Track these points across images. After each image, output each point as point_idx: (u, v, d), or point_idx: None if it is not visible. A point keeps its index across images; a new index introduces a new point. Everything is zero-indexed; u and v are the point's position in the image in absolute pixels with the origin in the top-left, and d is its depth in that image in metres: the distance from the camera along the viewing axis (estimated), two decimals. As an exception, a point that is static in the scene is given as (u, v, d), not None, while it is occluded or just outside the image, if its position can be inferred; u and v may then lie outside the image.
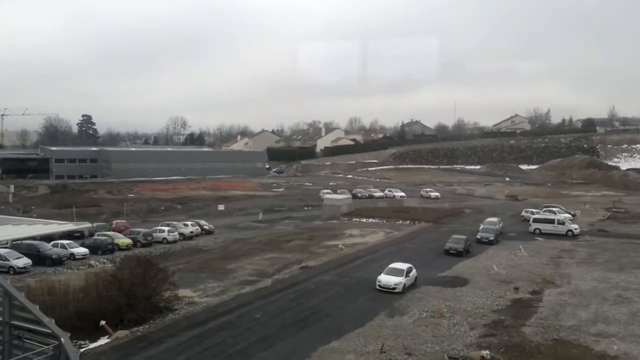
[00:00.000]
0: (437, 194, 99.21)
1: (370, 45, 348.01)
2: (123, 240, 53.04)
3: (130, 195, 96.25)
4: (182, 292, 35.94)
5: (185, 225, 60.68)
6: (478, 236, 56.06)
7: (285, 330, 29.85)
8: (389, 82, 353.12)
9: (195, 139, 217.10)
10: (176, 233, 57.54)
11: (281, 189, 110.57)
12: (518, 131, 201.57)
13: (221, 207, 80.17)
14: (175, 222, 61.97)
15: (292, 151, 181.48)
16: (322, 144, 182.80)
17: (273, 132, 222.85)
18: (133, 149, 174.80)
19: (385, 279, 37.86)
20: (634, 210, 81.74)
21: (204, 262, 47.28)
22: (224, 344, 27.72)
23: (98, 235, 53.87)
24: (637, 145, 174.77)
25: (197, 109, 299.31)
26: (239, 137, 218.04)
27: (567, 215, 69.54)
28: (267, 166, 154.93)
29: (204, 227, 62.27)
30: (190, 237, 58.58)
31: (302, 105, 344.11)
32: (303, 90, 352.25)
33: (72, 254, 47.71)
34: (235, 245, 55.08)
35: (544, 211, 69.90)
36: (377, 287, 37.70)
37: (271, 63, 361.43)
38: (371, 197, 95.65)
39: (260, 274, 42.90)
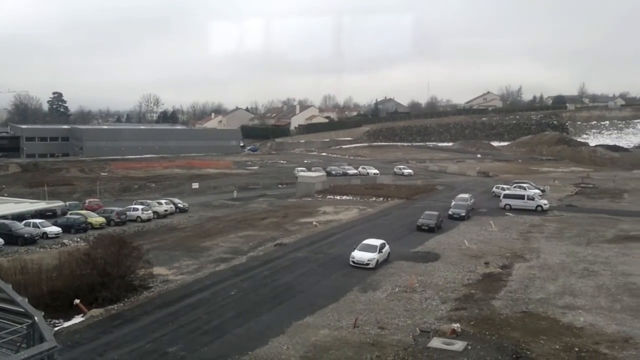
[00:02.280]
0: (410, 171, 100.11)
1: (344, 22, 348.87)
2: (96, 219, 52.65)
3: (103, 173, 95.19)
4: (157, 270, 36.03)
5: (159, 203, 60.41)
6: (450, 212, 56.91)
7: (259, 306, 30.18)
8: (363, 60, 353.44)
9: (169, 117, 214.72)
10: (150, 211, 57.26)
11: (255, 167, 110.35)
12: (490, 108, 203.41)
13: (195, 185, 79.88)
14: (149, 201, 61.62)
15: (267, 129, 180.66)
16: (296, 121, 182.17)
17: (247, 109, 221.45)
18: (105, 127, 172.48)
19: (358, 255, 38.38)
20: (601, 186, 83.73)
21: (179, 240, 47.30)
22: (199, 321, 27.96)
23: (71, 214, 53.39)
24: (606, 122, 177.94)
25: (171, 86, 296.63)
26: (212, 115, 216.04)
27: (537, 191, 70.87)
28: (242, 144, 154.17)
29: (178, 205, 62.09)
30: (164, 216, 58.40)
31: (277, 83, 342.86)
32: (277, 68, 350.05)
33: (44, 233, 47.26)
34: (210, 223, 55.12)
35: (515, 187, 71.21)
36: (351, 263, 38.21)
37: (245, 40, 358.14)
38: (345, 174, 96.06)
39: (235, 251, 43.13)
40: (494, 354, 24.02)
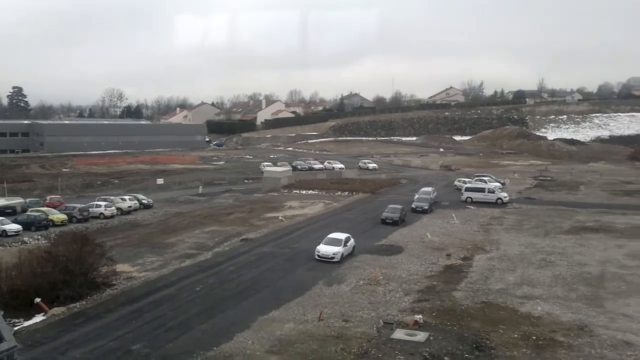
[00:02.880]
0: (374, 165, 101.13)
1: (310, 17, 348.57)
2: (58, 215, 51.76)
3: (64, 169, 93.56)
4: (121, 267, 35.74)
5: (123, 199, 59.68)
6: (413, 205, 57.72)
7: (225, 302, 30.28)
8: (329, 55, 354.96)
9: (133, 112, 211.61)
10: (113, 208, 56.54)
11: (221, 162, 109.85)
12: (453, 103, 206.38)
13: (160, 180, 79.11)
14: (112, 197, 60.82)
15: (233, 124, 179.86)
16: (262, 116, 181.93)
17: (213, 104, 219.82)
18: (67, 121, 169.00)
19: (324, 249, 38.74)
20: (559, 179, 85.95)
21: (143, 237, 46.92)
22: (164, 318, 27.92)
23: (31, 211, 52.38)
24: (564, 116, 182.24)
25: (135, 80, 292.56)
26: (178, 109, 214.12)
27: (497, 184, 72.37)
28: (207, 139, 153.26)
29: (143, 201, 61.45)
30: (128, 212, 57.74)
31: (243, 78, 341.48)
32: (244, 63, 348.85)
33: (3, 231, 46.26)
34: (175, 219, 54.78)
35: (476, 180, 72.58)
36: (316, 257, 38.55)
37: (211, 34, 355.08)
38: (311, 169, 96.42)
39: (201, 247, 43.02)
40: (455, 344, 24.64)
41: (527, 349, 24.16)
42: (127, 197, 60.90)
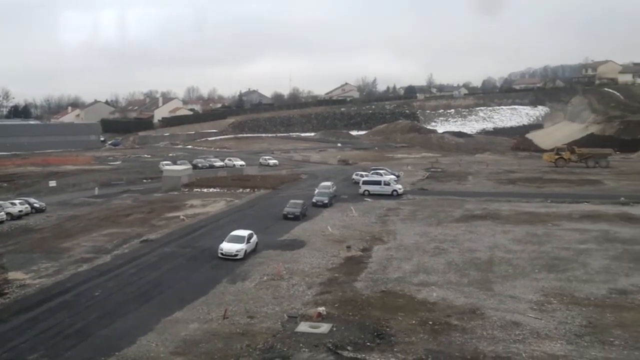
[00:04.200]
0: (275, 161, 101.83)
1: (206, 12, 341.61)
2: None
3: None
4: (13, 274, 33.94)
5: (13, 204, 56.37)
6: (314, 200, 58.79)
7: (126, 305, 29.69)
8: (226, 51, 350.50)
9: (21, 112, 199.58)
10: (2, 213, 53.36)
11: (118, 162, 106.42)
12: (348, 99, 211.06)
13: (52, 183, 75.44)
14: (1, 202, 57.34)
15: (129, 122, 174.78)
16: (159, 114, 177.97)
17: (107, 102, 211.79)
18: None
19: (227, 246, 38.78)
20: (449, 170, 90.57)
21: (36, 242, 44.63)
22: (62, 325, 26.98)
23: None
24: (452, 110, 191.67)
25: (22, 79, 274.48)
26: (69, 108, 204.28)
27: (392, 176, 74.94)
28: (102, 139, 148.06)
29: (34, 205, 58.35)
30: (19, 217, 54.65)
31: (138, 75, 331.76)
32: (138, 59, 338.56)
33: None
34: (70, 223, 52.50)
35: (372, 174, 74.88)
36: (220, 255, 38.52)
37: (103, 30, 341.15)
38: (211, 166, 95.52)
39: (98, 250, 41.63)
40: (357, 333, 25.61)
41: (424, 334, 25.46)
42: (17, 201, 57.59)
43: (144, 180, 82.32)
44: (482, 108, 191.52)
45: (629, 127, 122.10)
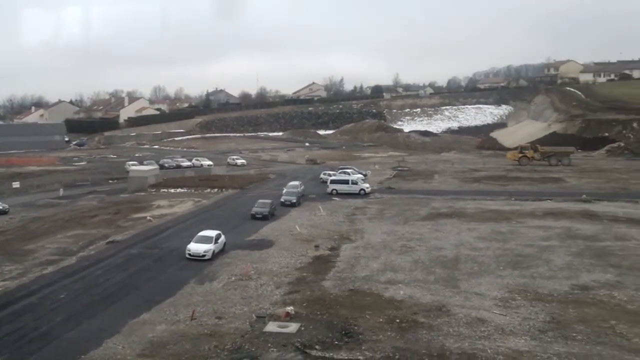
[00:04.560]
0: (243, 161, 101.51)
1: (170, 10, 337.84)
2: None
3: None
4: (-27, 279, 33.28)
5: (-27, 206, 55.16)
6: (282, 199, 58.81)
7: (92, 307, 29.32)
8: (193, 50, 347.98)
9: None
10: (-39, 216, 52.11)
11: (83, 163, 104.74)
12: (315, 98, 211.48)
13: (16, 184, 73.88)
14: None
15: (94, 122, 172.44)
16: (125, 114, 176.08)
17: (72, 102, 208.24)
18: None
19: (194, 247, 38.56)
20: (415, 168, 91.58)
21: (-1, 245, 43.72)
22: (26, 328, 26.50)
23: None
24: (418, 109, 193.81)
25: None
26: (33, 108, 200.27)
27: (360, 175, 75.52)
28: (67, 139, 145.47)
29: (-4, 206, 57.13)
30: (-21, 219, 53.43)
31: (103, 74, 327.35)
32: (103, 58, 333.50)
33: None
34: (34, 224, 51.42)
35: (340, 173, 75.25)
36: (187, 256, 38.28)
37: (65, 29, 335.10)
38: (179, 166, 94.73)
39: (64, 252, 40.91)
40: (325, 332, 25.77)
41: (391, 332, 25.77)
42: (-23, 203, 56.32)
43: (110, 181, 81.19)
44: (447, 107, 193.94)
45: (590, 126, 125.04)
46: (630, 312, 28.17)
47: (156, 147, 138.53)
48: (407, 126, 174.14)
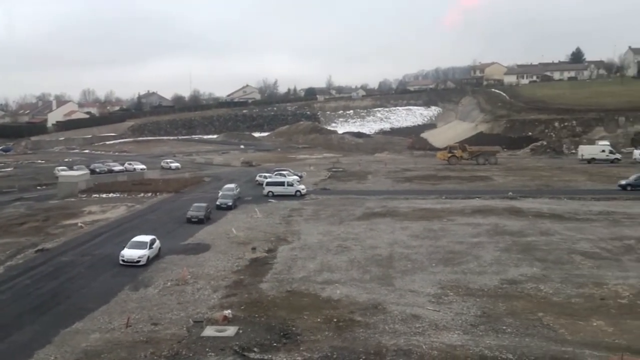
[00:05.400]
0: (177, 164, 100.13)
1: (103, 11, 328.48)
2: None
3: None
4: None
5: None
6: (218, 202, 58.45)
7: (21, 318, 28.36)
8: (123, 52, 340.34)
9: None
10: None
11: (9, 169, 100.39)
12: (250, 101, 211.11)
13: None
14: None
15: (20, 127, 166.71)
16: (53, 118, 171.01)
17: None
18: None
19: (128, 253, 37.88)
20: (350, 169, 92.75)
21: None
22: (-50, 343, 25.44)
23: None
24: (350, 111, 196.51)
25: None
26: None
27: (296, 177, 75.87)
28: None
29: None
30: None
31: (29, 77, 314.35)
32: (29, 60, 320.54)
33: None
34: (-46, 234, 49.10)
35: (275, 175, 75.40)
36: (121, 262, 37.58)
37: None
38: (111, 171, 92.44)
39: (-12, 262, 39.33)
40: (264, 334, 25.92)
41: (329, 332, 26.17)
42: None
43: (39, 187, 78.10)
44: (379, 109, 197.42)
45: (515, 126, 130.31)
46: (556, 304, 29.66)
47: (87, 151, 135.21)
48: (341, 128, 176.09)
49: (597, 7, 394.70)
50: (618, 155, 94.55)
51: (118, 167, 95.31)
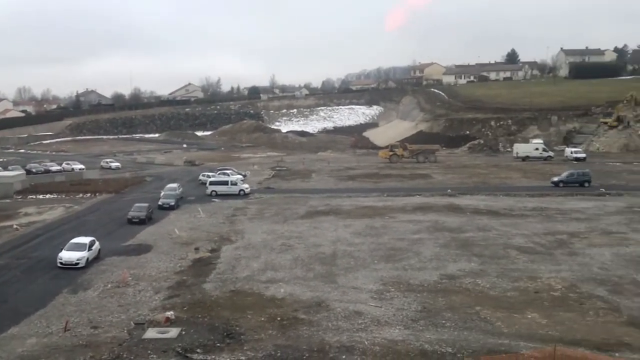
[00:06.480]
0: (117, 164, 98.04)
1: (38, 5, 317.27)
2: None
3: None
4: None
5: None
6: (160, 202, 57.65)
7: (-47, 325, 27.36)
8: (60, 49, 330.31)
9: None
10: None
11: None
12: (192, 99, 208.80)
13: None
14: None
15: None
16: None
17: None
18: None
19: (66, 255, 36.98)
20: (294, 168, 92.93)
21: None
22: None
23: None
24: (294, 110, 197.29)
25: None
26: None
27: (239, 176, 75.39)
28: None
29: None
30: None
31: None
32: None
33: None
34: None
35: (219, 174, 74.84)
36: (59, 265, 36.67)
37: None
38: (48, 171, 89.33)
39: None
40: (207, 334, 25.85)
41: (273, 330, 26.33)
42: None
43: (-30, 189, 75.00)
44: (322, 108, 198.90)
45: (453, 125, 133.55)
46: (493, 298, 30.75)
47: (22, 151, 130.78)
48: (285, 127, 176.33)
49: (532, 9, 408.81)
50: (551, 153, 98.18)
51: (55, 167, 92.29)
